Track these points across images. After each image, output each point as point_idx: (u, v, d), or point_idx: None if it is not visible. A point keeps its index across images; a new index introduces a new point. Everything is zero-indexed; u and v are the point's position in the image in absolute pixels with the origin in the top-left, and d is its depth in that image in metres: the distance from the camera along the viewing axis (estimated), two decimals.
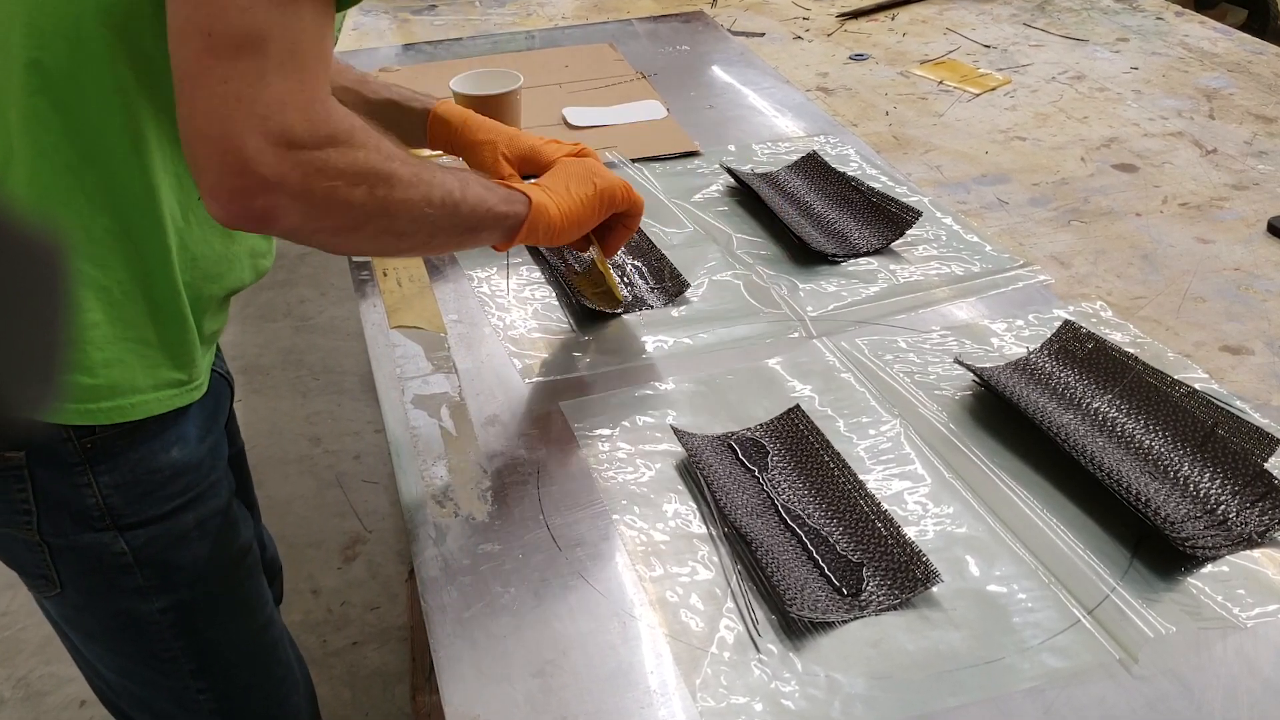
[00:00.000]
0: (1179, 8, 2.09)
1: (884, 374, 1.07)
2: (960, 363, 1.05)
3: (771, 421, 1.00)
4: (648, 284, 1.22)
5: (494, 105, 1.53)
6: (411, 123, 1.23)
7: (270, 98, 0.74)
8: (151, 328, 0.93)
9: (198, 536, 1.03)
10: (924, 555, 0.84)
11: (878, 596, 0.83)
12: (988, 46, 1.93)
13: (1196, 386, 1.00)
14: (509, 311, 1.19)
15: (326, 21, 0.79)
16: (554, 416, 1.03)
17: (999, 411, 1.01)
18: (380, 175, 0.82)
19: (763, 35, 2.00)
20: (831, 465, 0.94)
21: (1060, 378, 1.03)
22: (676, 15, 2.08)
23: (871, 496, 0.90)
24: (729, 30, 2.01)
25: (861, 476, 0.93)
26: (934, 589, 0.83)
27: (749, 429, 1.00)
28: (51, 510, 0.95)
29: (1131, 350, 1.04)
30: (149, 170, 0.86)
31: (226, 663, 1.10)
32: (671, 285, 1.21)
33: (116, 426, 0.93)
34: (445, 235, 0.92)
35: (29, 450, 0.92)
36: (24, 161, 0.82)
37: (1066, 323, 1.09)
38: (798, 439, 0.97)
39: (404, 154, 0.86)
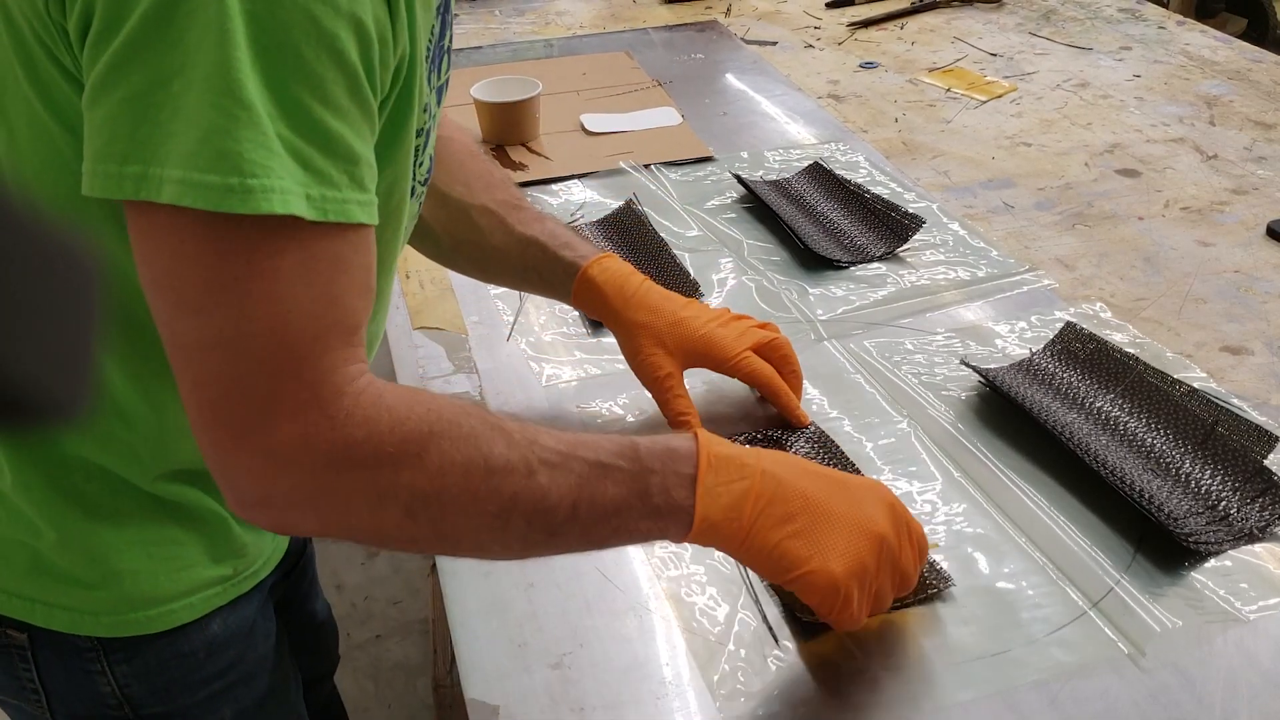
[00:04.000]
0: (1180, 17, 2.11)
1: (892, 376, 1.09)
2: (966, 364, 1.07)
3: (784, 424, 1.01)
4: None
5: (513, 112, 1.57)
6: (555, 273, 0.98)
7: (251, 410, 0.57)
8: (173, 525, 0.78)
9: None
10: (936, 563, 0.85)
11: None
12: (994, 55, 1.95)
13: (1195, 386, 1.01)
14: (528, 314, 1.21)
15: (343, 256, 0.59)
16: (571, 416, 1.05)
17: (1004, 412, 1.03)
18: (421, 497, 0.61)
19: (775, 44, 2.03)
20: (843, 467, 0.95)
21: (1063, 378, 1.05)
22: (691, 24, 2.10)
23: None
24: (742, 39, 2.03)
25: (872, 477, 0.94)
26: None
27: (760, 430, 1.01)
28: (61, 692, 0.83)
29: (1131, 350, 1.06)
30: (133, 383, 0.73)
31: None
32: (684, 289, 1.23)
33: None
34: (545, 552, 0.69)
35: (32, 632, 0.79)
36: None
37: (1068, 324, 1.10)
38: (818, 448, 0.98)
39: (489, 449, 0.63)
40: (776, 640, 0.81)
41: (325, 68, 0.56)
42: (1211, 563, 0.86)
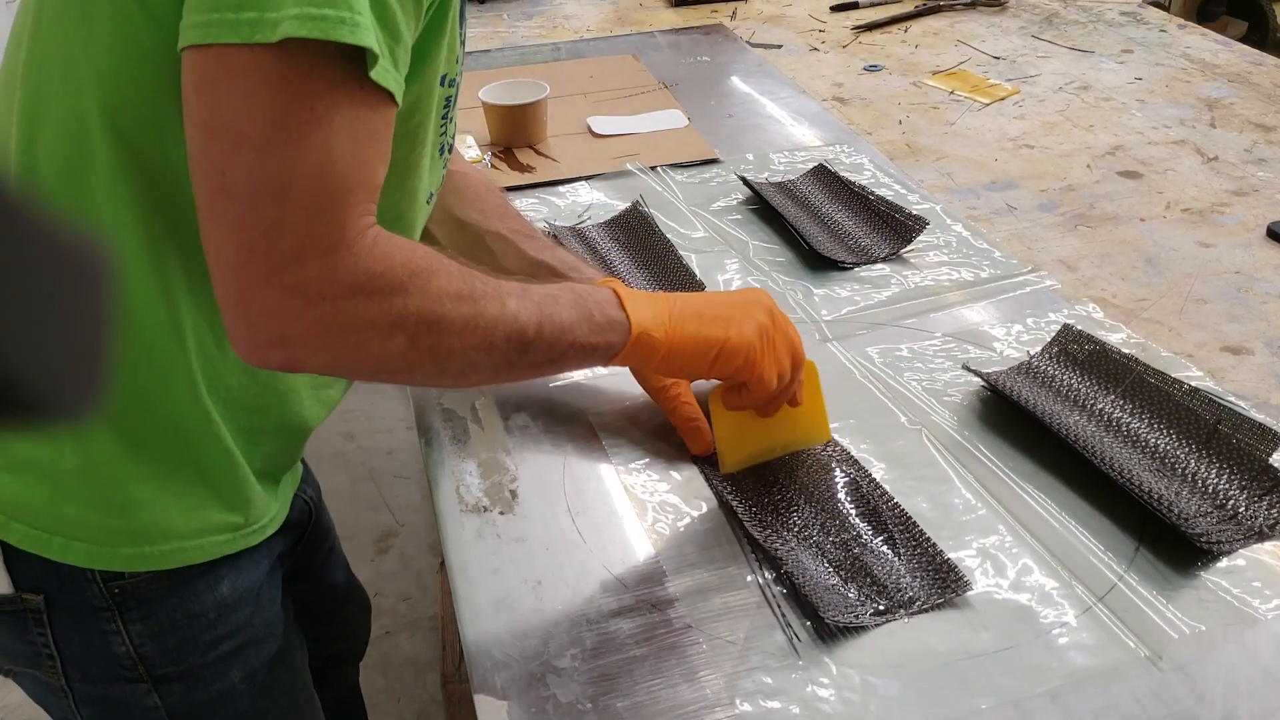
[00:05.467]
0: (1181, 20, 2.12)
1: (895, 381, 1.09)
2: (968, 369, 1.08)
3: None
4: (663, 288, 1.25)
5: (521, 115, 1.58)
6: None
7: (287, 248, 0.63)
8: (189, 464, 0.82)
9: (245, 691, 0.92)
10: (952, 562, 0.86)
11: (908, 599, 0.84)
12: (997, 58, 1.96)
13: (1194, 385, 1.02)
14: None
15: (376, 127, 0.66)
16: (580, 417, 1.05)
17: (1005, 415, 1.03)
18: (425, 323, 0.70)
19: (780, 47, 2.05)
20: (854, 473, 0.96)
21: (1064, 380, 1.05)
22: (697, 28, 2.12)
23: (896, 504, 0.92)
24: (748, 42, 2.05)
25: (878, 478, 0.95)
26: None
27: None
28: (76, 656, 0.85)
29: (1127, 350, 1.07)
30: (169, 289, 0.76)
31: None
32: (690, 290, 1.23)
33: (150, 571, 0.83)
34: (514, 372, 0.79)
35: (48, 593, 0.83)
36: None
37: (1065, 326, 1.11)
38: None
39: (471, 283, 0.73)
40: (797, 649, 0.81)
41: None
42: (1223, 562, 0.87)
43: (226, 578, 0.87)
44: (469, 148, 1.58)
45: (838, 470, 0.97)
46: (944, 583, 0.85)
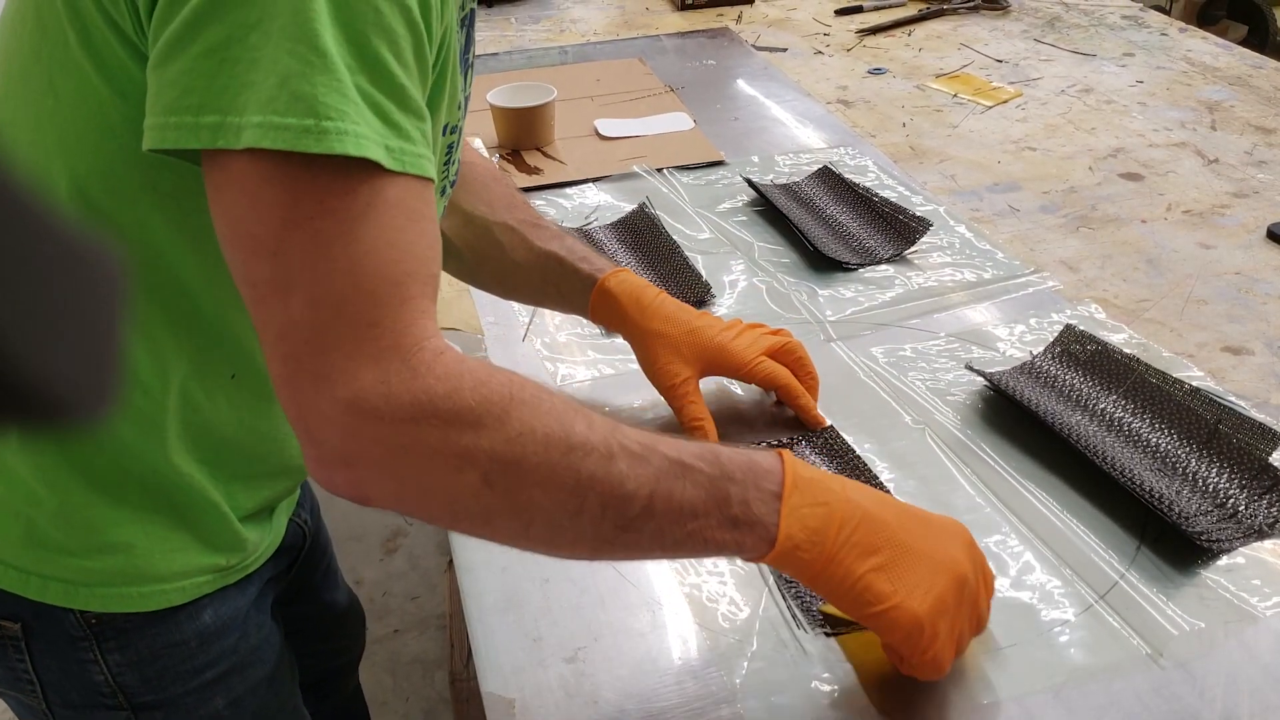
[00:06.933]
0: (1182, 24, 2.13)
1: (899, 381, 1.10)
2: (971, 368, 1.08)
3: (799, 427, 1.02)
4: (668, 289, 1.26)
5: (529, 117, 1.60)
6: (573, 286, 0.99)
7: (335, 359, 0.57)
8: (170, 510, 0.79)
9: (229, 717, 0.89)
10: None
11: None
12: (1000, 61, 1.97)
13: (1195, 385, 1.02)
14: (542, 314, 1.23)
15: (412, 207, 0.60)
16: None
17: (1007, 414, 1.04)
18: (500, 462, 0.59)
19: (785, 50, 2.06)
20: (857, 472, 0.96)
21: (1066, 380, 1.06)
22: (703, 31, 2.13)
23: None
24: (753, 46, 2.06)
25: (883, 479, 0.96)
26: None
27: (779, 440, 1.01)
28: (55, 682, 0.83)
29: (1129, 351, 1.07)
30: (156, 347, 0.74)
31: None
32: (696, 291, 1.25)
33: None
34: (613, 549, 0.64)
35: (25, 621, 0.80)
36: None
37: (1067, 327, 1.12)
38: (831, 454, 0.99)
39: (569, 425, 0.61)
40: (801, 645, 0.82)
41: (398, 24, 0.58)
42: (1223, 560, 0.87)
43: (209, 607, 0.84)
44: (477, 150, 1.59)
45: (837, 467, 0.98)
46: None
